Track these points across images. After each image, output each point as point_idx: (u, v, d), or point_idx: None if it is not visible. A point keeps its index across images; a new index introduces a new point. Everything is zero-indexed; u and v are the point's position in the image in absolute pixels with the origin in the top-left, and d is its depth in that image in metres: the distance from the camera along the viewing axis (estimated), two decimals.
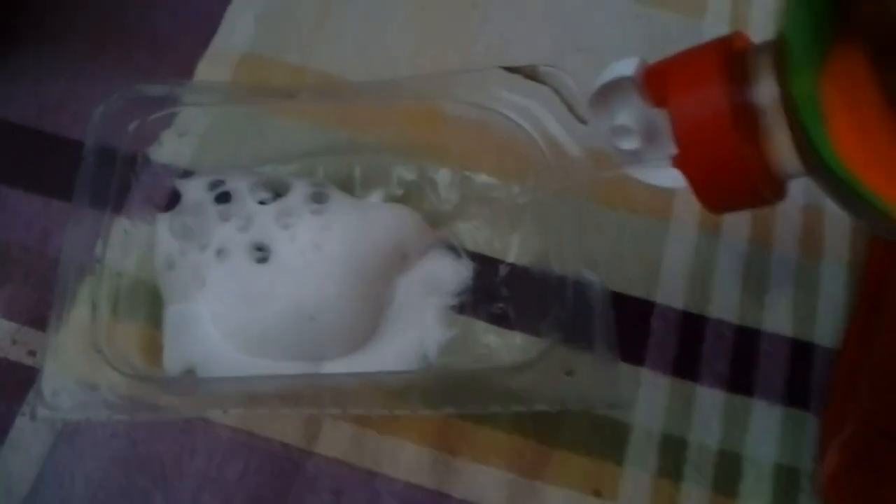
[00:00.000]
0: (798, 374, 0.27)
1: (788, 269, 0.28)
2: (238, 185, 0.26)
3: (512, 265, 0.27)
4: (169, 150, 0.26)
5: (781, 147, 0.17)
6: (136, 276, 0.25)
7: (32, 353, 0.25)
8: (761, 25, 0.33)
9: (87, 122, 0.27)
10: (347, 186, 0.27)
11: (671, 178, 0.18)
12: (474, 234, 0.27)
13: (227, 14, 0.31)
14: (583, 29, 0.32)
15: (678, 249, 0.28)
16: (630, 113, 0.18)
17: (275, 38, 0.31)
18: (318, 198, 0.26)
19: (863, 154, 0.15)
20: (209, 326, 0.25)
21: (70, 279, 0.22)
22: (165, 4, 0.32)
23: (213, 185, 0.26)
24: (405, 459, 0.25)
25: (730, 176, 0.17)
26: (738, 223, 0.29)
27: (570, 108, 0.24)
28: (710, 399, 0.26)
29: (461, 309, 0.26)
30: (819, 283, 0.28)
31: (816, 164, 0.16)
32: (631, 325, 0.27)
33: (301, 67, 0.30)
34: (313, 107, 0.27)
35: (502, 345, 0.26)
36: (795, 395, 0.26)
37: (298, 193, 0.26)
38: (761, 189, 0.17)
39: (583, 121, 0.24)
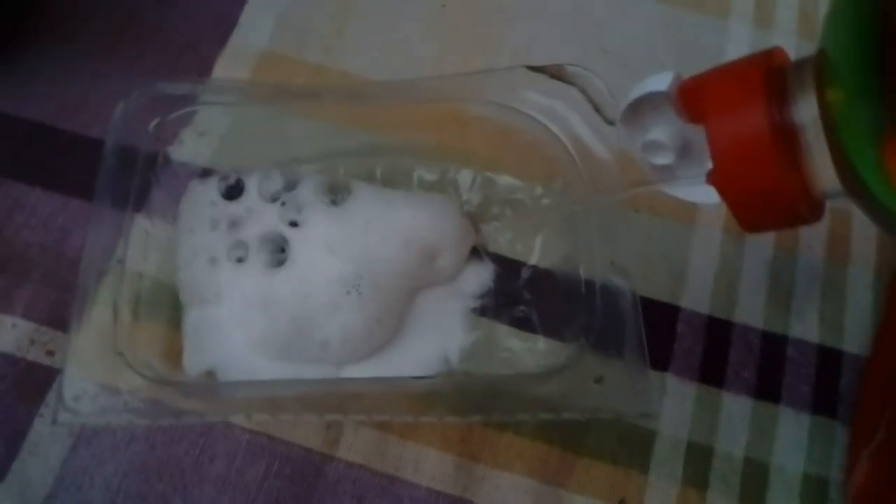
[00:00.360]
0: (825, 382, 0.26)
1: (815, 275, 0.28)
2: (250, 181, 0.26)
3: (534, 268, 0.26)
4: (189, 149, 0.26)
5: (821, 167, 0.16)
6: (157, 278, 0.25)
7: (51, 353, 0.25)
8: (786, 24, 0.32)
9: (105, 121, 0.27)
10: None
11: (705, 194, 0.18)
12: (496, 236, 0.27)
13: (245, 12, 0.31)
14: (608, 31, 0.31)
15: (703, 254, 0.28)
16: (664, 128, 0.18)
17: (294, 37, 0.31)
18: (335, 189, 0.26)
19: None
20: (229, 330, 0.25)
21: (91, 280, 0.22)
22: (183, 3, 0.31)
23: (226, 181, 0.26)
24: (428, 465, 0.24)
25: (767, 195, 0.17)
26: None
27: (597, 109, 0.24)
28: (736, 406, 0.26)
29: (482, 312, 0.26)
30: (846, 289, 0.28)
31: (857, 186, 0.15)
32: (656, 330, 0.26)
33: (321, 67, 0.30)
34: (334, 107, 0.27)
35: (525, 349, 0.25)
36: (823, 402, 0.26)
37: (312, 186, 0.25)
38: (799, 208, 0.17)
39: (610, 121, 0.24)
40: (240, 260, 0.25)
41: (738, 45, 0.31)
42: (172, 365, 0.24)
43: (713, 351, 0.26)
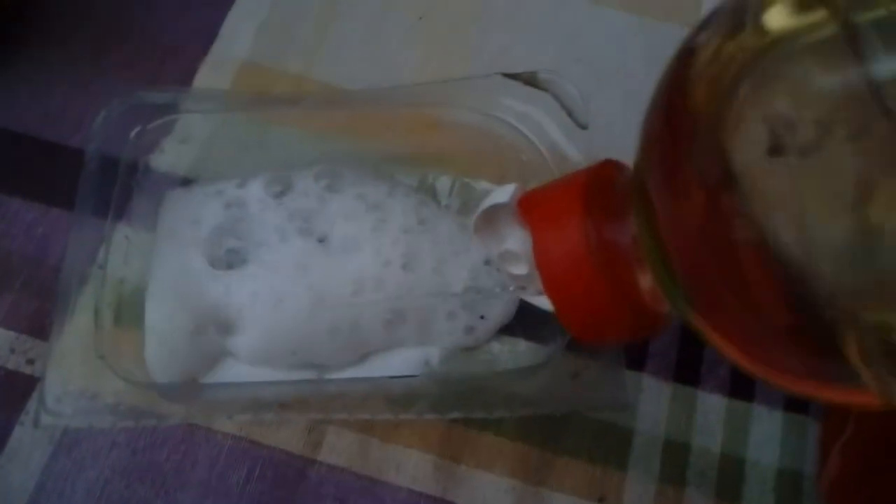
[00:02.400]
0: None
1: None
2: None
3: None
4: (170, 157, 0.26)
5: (644, 283, 0.16)
6: (138, 284, 0.25)
7: (31, 362, 0.25)
8: None
9: (86, 131, 0.27)
10: None
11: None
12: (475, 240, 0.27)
13: (227, 22, 0.31)
14: (581, 41, 0.32)
15: None
16: (517, 239, 0.18)
17: (275, 47, 0.31)
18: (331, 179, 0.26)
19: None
20: None
21: (72, 284, 0.22)
22: (167, 11, 0.32)
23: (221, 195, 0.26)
24: (409, 467, 0.24)
25: (592, 308, 0.16)
26: None
27: (570, 114, 0.24)
28: (711, 404, 0.26)
29: None
30: None
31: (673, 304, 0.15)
32: None
33: (302, 77, 0.31)
34: (314, 115, 0.27)
35: (506, 351, 0.26)
36: (795, 400, 0.26)
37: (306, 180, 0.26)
38: (632, 322, 0.17)
39: (583, 126, 0.24)
40: (229, 266, 0.25)
41: None
42: None
43: (687, 351, 0.27)
